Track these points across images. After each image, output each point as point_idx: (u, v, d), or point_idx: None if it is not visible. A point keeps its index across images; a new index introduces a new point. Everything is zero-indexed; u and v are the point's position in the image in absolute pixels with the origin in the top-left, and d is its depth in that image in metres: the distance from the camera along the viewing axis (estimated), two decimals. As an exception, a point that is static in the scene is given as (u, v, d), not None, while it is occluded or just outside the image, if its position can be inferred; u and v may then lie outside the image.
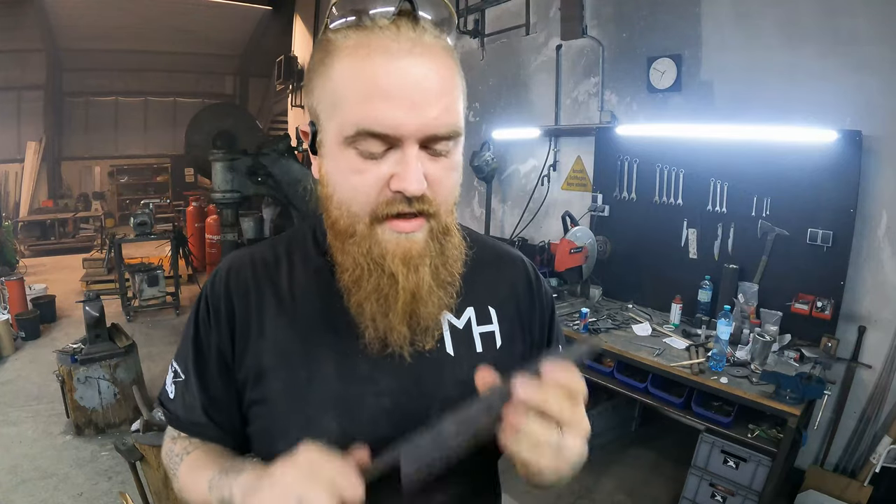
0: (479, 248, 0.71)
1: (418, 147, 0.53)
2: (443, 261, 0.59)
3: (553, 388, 0.48)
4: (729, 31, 2.60)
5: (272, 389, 0.63)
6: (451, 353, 0.65)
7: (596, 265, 3.06)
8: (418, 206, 0.55)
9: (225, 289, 0.66)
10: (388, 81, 0.51)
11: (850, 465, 2.30)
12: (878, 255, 2.22)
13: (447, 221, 0.59)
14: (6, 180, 9.52)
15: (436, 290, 0.59)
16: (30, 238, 8.77)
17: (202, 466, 0.64)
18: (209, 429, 0.68)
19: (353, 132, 0.53)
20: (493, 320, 0.69)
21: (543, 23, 3.54)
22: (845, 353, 2.29)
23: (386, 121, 0.51)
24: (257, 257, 0.68)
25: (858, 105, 2.19)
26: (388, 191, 0.54)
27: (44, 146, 9.77)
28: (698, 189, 2.72)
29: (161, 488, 2.00)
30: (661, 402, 2.31)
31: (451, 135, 0.55)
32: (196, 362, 0.67)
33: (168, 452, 0.72)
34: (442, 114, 0.53)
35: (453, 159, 0.57)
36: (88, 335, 3.03)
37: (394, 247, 0.56)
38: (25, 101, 9.49)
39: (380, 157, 0.54)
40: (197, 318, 0.68)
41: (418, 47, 0.52)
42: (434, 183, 0.55)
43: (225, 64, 11.26)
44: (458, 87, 0.57)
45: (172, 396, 0.70)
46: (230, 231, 4.64)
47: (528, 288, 0.73)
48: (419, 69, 0.52)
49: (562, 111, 3.49)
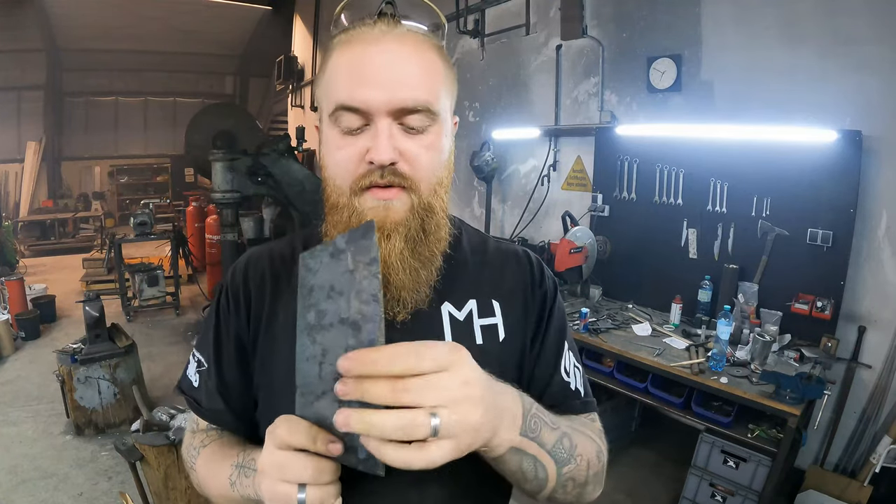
0: (486, 247, 0.74)
1: (390, 121, 0.58)
2: (422, 237, 0.61)
3: (367, 381, 0.42)
4: (729, 31, 2.60)
5: (274, 378, 0.66)
6: None
7: (596, 265, 3.06)
8: (390, 177, 0.58)
9: (243, 279, 0.71)
10: (360, 62, 0.58)
11: (850, 465, 2.30)
12: (878, 255, 2.22)
13: (430, 200, 0.61)
14: (6, 180, 9.53)
15: (409, 261, 0.60)
16: (30, 238, 8.77)
17: (219, 460, 0.66)
18: (226, 415, 0.70)
19: (333, 109, 0.59)
20: (497, 313, 0.69)
21: (543, 23, 3.54)
22: (845, 353, 2.29)
23: (357, 95, 0.57)
24: (275, 252, 0.73)
25: (858, 105, 2.19)
26: (364, 164, 0.58)
27: (44, 146, 9.78)
28: (698, 189, 2.72)
29: (161, 488, 2.00)
30: (661, 402, 2.31)
31: (420, 107, 0.58)
32: (216, 349, 0.70)
33: (187, 447, 0.74)
34: (410, 89, 0.57)
35: (430, 138, 0.60)
36: (88, 335, 3.03)
37: (371, 214, 0.59)
38: (25, 101, 9.50)
39: (357, 132, 0.59)
40: (218, 308, 0.71)
41: (389, 36, 0.59)
42: (409, 159, 0.59)
43: (225, 64, 11.26)
44: (435, 71, 0.61)
45: (196, 385, 0.72)
46: (230, 231, 4.64)
47: (533, 281, 0.73)
48: (389, 53, 0.58)
49: (562, 111, 3.49)
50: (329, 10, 7.27)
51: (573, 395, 0.72)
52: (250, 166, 4.40)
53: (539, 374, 0.71)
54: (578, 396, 0.72)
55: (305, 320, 0.48)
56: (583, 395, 0.73)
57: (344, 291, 0.46)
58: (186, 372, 0.75)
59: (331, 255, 0.47)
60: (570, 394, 0.71)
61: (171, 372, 3.92)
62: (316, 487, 0.46)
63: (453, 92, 0.65)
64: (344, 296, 0.46)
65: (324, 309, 0.47)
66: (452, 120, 0.66)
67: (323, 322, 0.47)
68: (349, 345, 0.45)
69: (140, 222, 5.04)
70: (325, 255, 0.48)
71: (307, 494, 0.46)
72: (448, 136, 0.64)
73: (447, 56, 0.64)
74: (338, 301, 0.46)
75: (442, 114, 0.61)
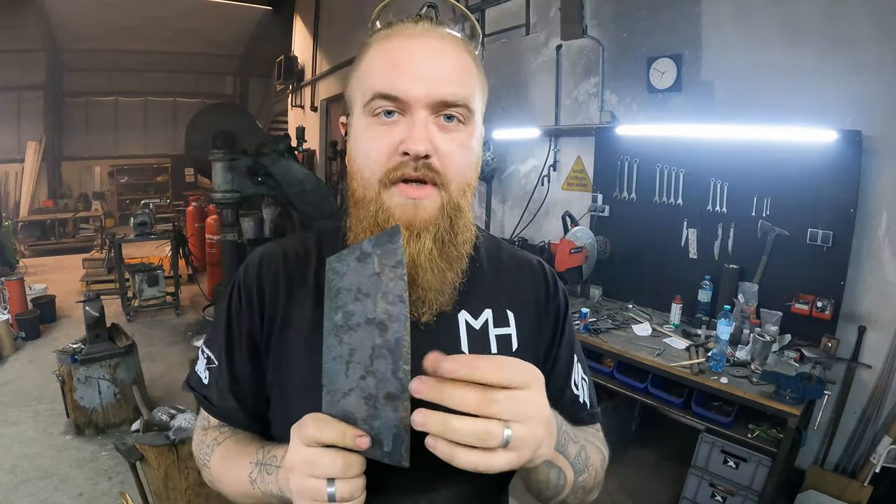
0: (501, 253, 0.74)
1: (427, 114, 0.57)
2: (451, 237, 0.61)
3: (449, 385, 0.43)
4: (729, 31, 2.60)
5: (290, 378, 0.66)
6: (466, 352, 0.66)
7: (596, 265, 3.06)
8: (423, 171, 0.57)
9: (256, 277, 0.69)
10: (401, 54, 0.58)
11: (850, 465, 2.30)
12: (878, 255, 2.22)
13: (459, 201, 0.61)
14: (6, 180, 9.52)
15: (437, 261, 0.60)
16: (30, 238, 8.77)
17: (235, 458, 0.65)
18: (239, 413, 0.70)
19: (369, 97, 0.58)
20: (511, 323, 0.69)
21: (543, 23, 3.54)
22: (845, 353, 2.28)
23: (398, 84, 0.57)
24: (289, 250, 0.72)
25: (858, 105, 2.19)
26: (398, 155, 0.58)
27: (44, 146, 9.78)
28: (698, 189, 2.72)
29: (161, 488, 2.00)
30: (661, 402, 2.31)
31: (459, 102, 0.58)
32: (227, 349, 0.70)
33: (199, 444, 0.73)
34: (450, 84, 0.58)
35: (464, 137, 0.60)
36: (88, 335, 3.03)
37: (400, 212, 0.58)
38: (25, 101, 9.50)
39: (392, 123, 0.58)
40: (229, 306, 0.70)
41: (432, 33, 0.60)
42: (443, 156, 0.58)
43: (225, 64, 11.26)
44: (471, 72, 0.61)
45: (206, 382, 0.72)
46: (230, 231, 4.64)
47: (546, 293, 0.73)
48: (431, 48, 0.59)
49: (562, 111, 3.49)
50: (329, 10, 7.27)
51: (581, 408, 0.74)
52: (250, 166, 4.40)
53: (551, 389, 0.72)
54: (586, 409, 0.75)
55: (333, 321, 0.50)
56: (589, 407, 0.75)
57: (371, 293, 0.48)
58: (195, 368, 0.74)
59: (357, 258, 0.49)
60: (579, 407, 0.74)
61: (171, 372, 3.92)
62: (345, 481, 0.48)
63: (485, 98, 0.65)
64: (371, 297, 0.48)
65: (351, 310, 0.49)
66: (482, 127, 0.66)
67: (350, 322, 0.49)
68: (376, 344, 0.47)
69: (140, 222, 5.04)
70: (351, 258, 0.49)
71: (337, 488, 0.47)
72: (479, 139, 0.64)
73: (480, 64, 0.65)
74: (364, 302, 0.48)
75: (476, 114, 0.62)
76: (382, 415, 0.47)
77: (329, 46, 7.25)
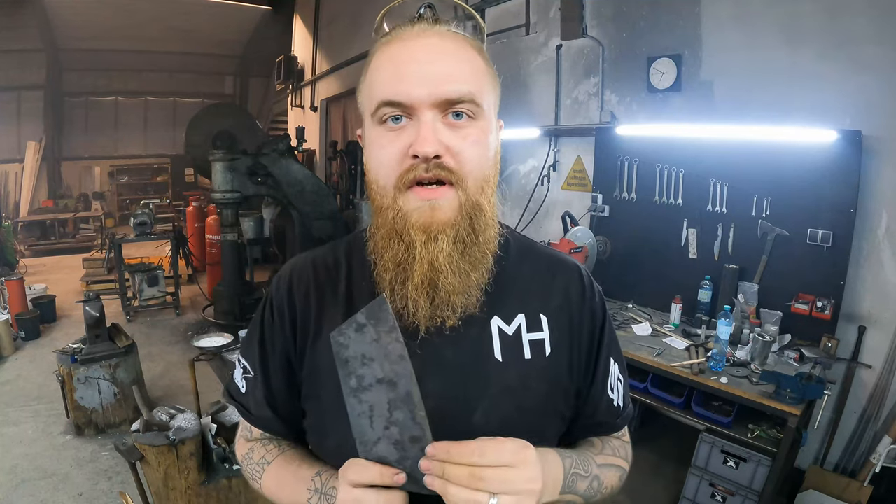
0: (534, 255, 0.73)
1: (434, 114, 0.57)
2: (472, 237, 0.60)
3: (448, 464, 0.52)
4: (729, 31, 2.60)
5: (324, 389, 0.66)
6: (500, 358, 0.65)
7: (596, 265, 3.06)
8: (436, 171, 0.57)
9: (287, 292, 0.70)
10: (400, 58, 0.59)
11: (850, 465, 2.30)
12: (878, 255, 2.22)
13: (478, 199, 0.60)
14: (6, 180, 9.52)
15: (459, 263, 0.59)
16: (30, 238, 8.77)
17: (291, 481, 0.68)
18: (275, 423, 0.72)
19: (375, 106, 0.59)
20: (544, 328, 0.68)
21: (543, 23, 3.54)
22: (845, 353, 2.28)
23: (400, 89, 0.57)
24: (319, 261, 0.72)
25: (858, 105, 2.19)
26: (408, 159, 0.58)
27: (44, 146, 9.77)
28: (698, 189, 2.72)
29: (161, 488, 2.00)
30: (661, 402, 2.31)
31: (463, 98, 0.58)
32: (262, 361, 0.71)
33: (245, 459, 0.76)
34: (452, 81, 0.57)
35: (475, 133, 0.60)
36: (88, 335, 3.03)
37: (416, 216, 0.58)
38: (25, 101, 9.49)
39: (400, 129, 0.58)
40: (262, 319, 0.72)
41: (430, 32, 0.60)
42: (455, 153, 0.58)
43: (225, 64, 11.26)
44: (477, 66, 0.61)
45: (244, 391, 0.73)
46: (230, 231, 4.65)
47: (581, 296, 0.71)
48: (429, 47, 0.59)
49: (562, 111, 3.49)
50: (329, 10, 7.27)
51: (615, 414, 0.75)
52: (250, 166, 4.40)
53: (592, 396, 0.73)
54: (619, 413, 0.75)
55: (349, 385, 0.55)
56: (622, 409, 0.75)
57: (375, 357, 0.54)
58: (234, 377, 0.75)
59: (355, 329, 0.54)
60: (613, 411, 0.74)
61: (171, 372, 3.93)
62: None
63: (496, 92, 0.65)
64: (376, 360, 0.54)
65: (361, 374, 0.55)
66: (498, 122, 0.65)
67: (363, 384, 0.55)
68: (391, 398, 0.54)
69: (140, 222, 5.04)
70: (350, 331, 0.55)
71: None
72: (494, 133, 0.63)
73: (487, 57, 0.64)
74: (371, 366, 0.54)
75: (486, 108, 0.61)
76: (411, 455, 0.54)
77: (329, 46, 7.25)
